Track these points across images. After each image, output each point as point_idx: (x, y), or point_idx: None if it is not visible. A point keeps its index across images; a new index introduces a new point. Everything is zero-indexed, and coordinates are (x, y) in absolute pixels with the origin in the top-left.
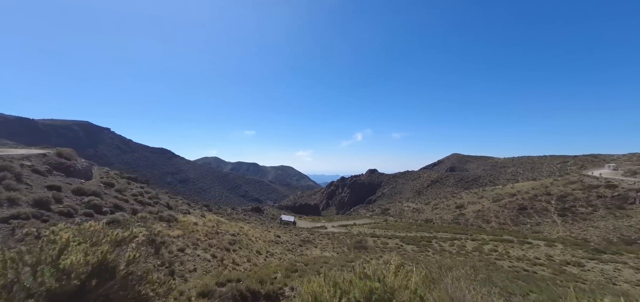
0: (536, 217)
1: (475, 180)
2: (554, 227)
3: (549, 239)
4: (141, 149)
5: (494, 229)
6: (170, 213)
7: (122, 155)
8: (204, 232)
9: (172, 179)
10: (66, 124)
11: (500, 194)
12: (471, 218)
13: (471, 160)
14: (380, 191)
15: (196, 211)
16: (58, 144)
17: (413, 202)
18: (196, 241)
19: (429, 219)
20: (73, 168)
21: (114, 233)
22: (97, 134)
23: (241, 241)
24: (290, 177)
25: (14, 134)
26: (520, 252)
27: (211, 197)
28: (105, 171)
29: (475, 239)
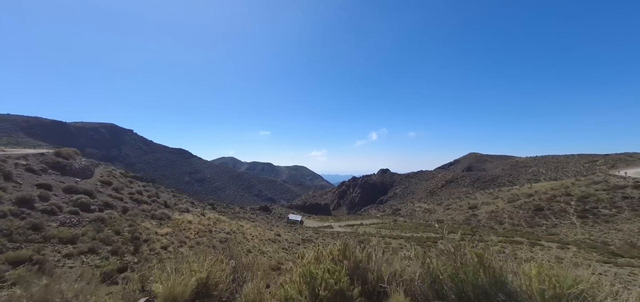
0: (553, 218)
1: (492, 180)
2: (572, 229)
3: (563, 241)
4: (161, 149)
5: (506, 231)
6: (165, 211)
7: (144, 155)
8: (195, 230)
9: (190, 178)
10: (94, 127)
11: (516, 195)
12: (484, 219)
13: (489, 159)
14: (392, 191)
15: (197, 210)
16: (86, 145)
17: (425, 202)
18: (184, 238)
19: (440, 220)
20: (69, 167)
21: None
22: (121, 135)
23: (235, 239)
24: (303, 177)
25: (49, 136)
26: (528, 254)
27: (226, 196)
28: (109, 170)
29: (483, 240)
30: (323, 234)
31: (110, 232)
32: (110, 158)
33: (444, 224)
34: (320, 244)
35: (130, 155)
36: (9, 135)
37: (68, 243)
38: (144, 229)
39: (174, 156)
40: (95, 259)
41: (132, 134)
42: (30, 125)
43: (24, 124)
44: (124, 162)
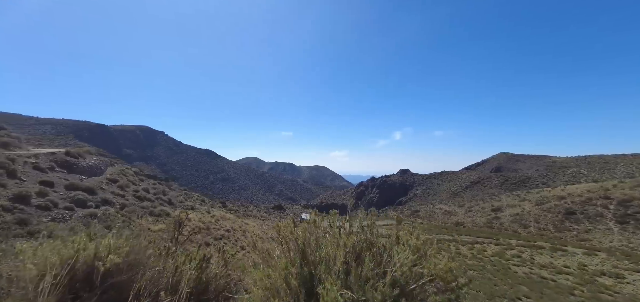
0: (586, 223)
1: (523, 181)
2: (607, 236)
3: (591, 248)
4: (189, 150)
5: (530, 235)
6: (164, 208)
7: (174, 156)
8: (192, 227)
9: (215, 177)
10: (131, 129)
11: (546, 197)
12: (507, 222)
13: (522, 159)
14: (413, 192)
15: (204, 208)
16: (124, 146)
17: (446, 204)
18: (175, 235)
19: (460, 222)
20: (76, 165)
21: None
22: (153, 137)
23: (233, 237)
24: (324, 178)
25: (94, 138)
26: (548, 260)
27: (248, 195)
28: (120, 169)
29: (500, 243)
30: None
31: (99, 228)
32: (144, 158)
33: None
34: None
35: (161, 155)
36: (61, 137)
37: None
38: (138, 224)
39: (201, 156)
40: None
41: (164, 135)
42: (79, 128)
43: (74, 127)
44: (156, 162)
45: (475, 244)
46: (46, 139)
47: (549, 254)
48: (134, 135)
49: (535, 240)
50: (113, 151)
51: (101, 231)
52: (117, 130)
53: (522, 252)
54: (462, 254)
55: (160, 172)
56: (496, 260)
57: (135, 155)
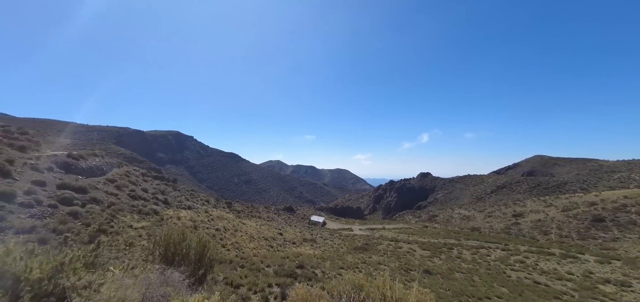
0: (615, 231)
1: (558, 186)
2: (637, 245)
3: (606, 255)
4: (216, 153)
5: (550, 242)
6: (155, 208)
7: (201, 159)
8: (179, 225)
9: (238, 180)
10: (163, 134)
11: (574, 203)
12: (526, 228)
13: (560, 163)
14: (433, 196)
15: (203, 207)
16: (158, 150)
17: (466, 209)
18: (155, 232)
19: (477, 228)
20: (75, 166)
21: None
22: (184, 141)
23: (219, 235)
24: (345, 181)
25: (132, 143)
26: (553, 266)
27: (269, 197)
28: (125, 170)
29: (508, 249)
30: (338, 235)
31: (75, 224)
32: (174, 161)
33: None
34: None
35: (190, 159)
36: (102, 142)
37: (26, 233)
38: (122, 222)
39: (226, 159)
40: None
41: (193, 140)
42: (120, 134)
43: (116, 133)
44: (185, 165)
45: (481, 249)
46: (90, 144)
47: (557, 260)
48: (166, 140)
49: (548, 246)
50: (147, 154)
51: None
52: (151, 135)
53: (527, 258)
54: (462, 258)
55: (189, 174)
56: (496, 264)
57: (166, 158)
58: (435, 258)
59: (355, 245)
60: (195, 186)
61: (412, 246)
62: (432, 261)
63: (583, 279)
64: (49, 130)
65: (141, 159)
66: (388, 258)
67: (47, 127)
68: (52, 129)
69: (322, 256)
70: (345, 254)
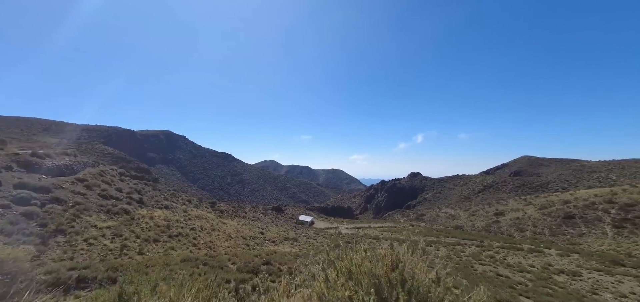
0: (582, 227)
1: (542, 186)
2: (599, 240)
3: (567, 249)
4: (208, 153)
5: (524, 238)
6: (126, 207)
7: (193, 159)
8: (150, 225)
9: (231, 180)
10: (155, 133)
11: (551, 201)
12: (505, 226)
13: (546, 163)
14: (422, 196)
15: (181, 206)
16: (149, 150)
17: (452, 208)
18: (123, 232)
19: (460, 226)
20: (39, 165)
21: None
22: (175, 141)
23: (194, 235)
24: (340, 181)
25: (122, 143)
26: (518, 260)
27: (263, 197)
28: (99, 169)
29: (482, 245)
30: (322, 235)
31: (28, 225)
32: (166, 161)
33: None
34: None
35: (182, 159)
36: (89, 142)
37: None
38: (85, 222)
39: (218, 159)
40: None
41: (185, 140)
42: (109, 134)
43: (105, 133)
44: (177, 165)
45: (457, 245)
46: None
47: (524, 255)
48: (157, 140)
49: (520, 243)
50: (137, 154)
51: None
52: (142, 135)
53: (497, 254)
54: (437, 254)
55: (180, 174)
56: (467, 259)
57: (157, 158)
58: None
59: (337, 243)
60: (187, 186)
61: (390, 243)
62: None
63: (541, 270)
64: (33, 129)
65: (129, 159)
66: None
67: (32, 126)
68: (37, 128)
69: (297, 254)
70: (323, 252)
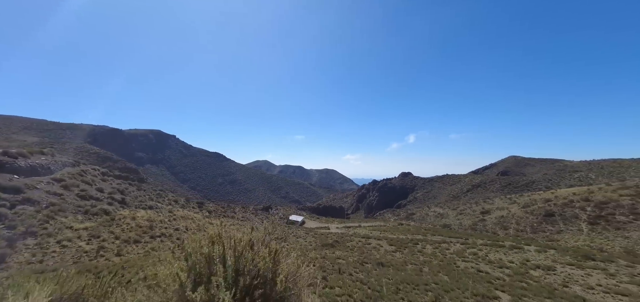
0: (561, 224)
1: (527, 185)
2: (575, 236)
3: (544, 246)
4: (199, 153)
5: (507, 236)
6: (107, 208)
7: (183, 158)
8: (132, 226)
9: (223, 180)
10: (143, 133)
11: (534, 200)
12: (490, 224)
13: (532, 163)
14: (413, 195)
15: (167, 207)
16: (137, 149)
17: (442, 207)
18: (101, 233)
19: (448, 225)
20: (10, 165)
21: None
22: (165, 140)
23: (177, 236)
24: (333, 181)
25: (108, 142)
26: (499, 257)
27: (255, 197)
28: (79, 169)
29: (466, 243)
30: (312, 234)
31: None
32: (155, 161)
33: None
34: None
35: (172, 158)
36: (73, 141)
37: None
38: (60, 223)
39: (210, 159)
40: None
41: (175, 139)
42: (95, 133)
43: (91, 132)
44: (167, 165)
45: (443, 243)
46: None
47: (505, 251)
48: (146, 139)
49: (503, 240)
50: (125, 153)
51: None
52: (130, 134)
53: (480, 251)
54: (423, 252)
55: (170, 174)
56: (451, 257)
57: (146, 158)
58: (398, 252)
59: (325, 242)
60: (177, 186)
61: (380, 242)
62: (393, 255)
63: (520, 266)
64: (13, 127)
65: (116, 159)
66: (350, 253)
67: (12, 124)
68: (17, 126)
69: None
70: (310, 251)
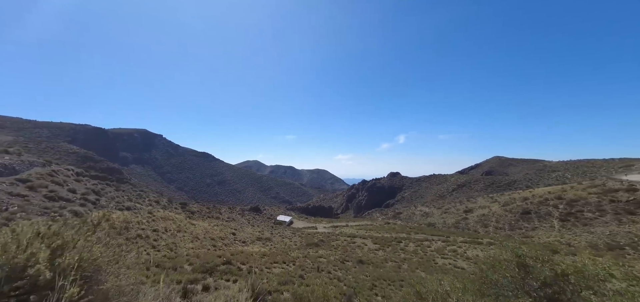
0: (536, 221)
1: (509, 185)
2: (548, 232)
3: (519, 242)
4: (187, 153)
5: (487, 234)
6: (78, 209)
7: (170, 158)
8: (105, 227)
9: (211, 180)
10: (128, 132)
11: (513, 199)
12: (472, 222)
13: (515, 163)
14: (400, 194)
15: (147, 208)
16: (121, 149)
17: (428, 206)
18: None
19: (432, 223)
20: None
21: None
22: (151, 140)
23: (154, 237)
24: (324, 181)
25: (89, 141)
26: (476, 253)
27: (244, 197)
28: (50, 169)
29: (447, 240)
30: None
31: None
32: (141, 161)
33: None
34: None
35: (158, 158)
36: (51, 140)
37: None
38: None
39: (198, 159)
40: None
41: (162, 138)
42: (76, 131)
43: (71, 130)
44: (153, 165)
45: (425, 241)
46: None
47: (482, 248)
48: (131, 139)
49: (482, 238)
50: (108, 153)
51: None
52: (114, 133)
53: (459, 248)
54: (405, 250)
55: (156, 175)
56: (431, 254)
57: (131, 158)
58: (381, 250)
59: (310, 241)
60: (163, 186)
61: (365, 241)
62: (376, 253)
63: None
64: None
65: (98, 159)
66: (333, 252)
67: None
68: None
69: (266, 253)
70: (293, 250)
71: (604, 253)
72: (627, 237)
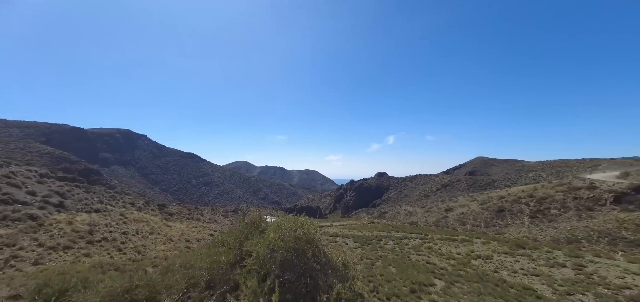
0: (509, 219)
1: (489, 184)
2: (519, 228)
3: (490, 238)
4: (172, 154)
5: (465, 231)
6: (35, 212)
7: (155, 159)
8: (65, 230)
9: (197, 182)
10: (110, 132)
11: (490, 197)
12: (452, 221)
13: (496, 163)
14: (387, 194)
15: (120, 209)
16: (102, 150)
17: (412, 205)
18: (16, 241)
19: (415, 222)
20: None
21: None
22: (135, 140)
23: (122, 240)
24: (314, 181)
25: (67, 142)
26: (450, 249)
27: (232, 199)
28: (7, 170)
29: (425, 238)
30: None
31: None
32: (123, 162)
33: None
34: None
35: (142, 159)
36: (22, 140)
37: None
38: None
39: (184, 160)
40: None
41: (146, 139)
42: (51, 131)
43: (46, 130)
44: (136, 166)
45: (404, 239)
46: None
47: (456, 245)
48: (113, 139)
49: (457, 235)
50: (88, 154)
51: None
52: (94, 133)
53: (435, 245)
54: (384, 248)
55: (140, 176)
56: (408, 251)
57: (112, 159)
58: (360, 249)
59: None
60: (147, 188)
61: (346, 240)
62: (354, 251)
63: (464, 257)
64: None
65: (75, 160)
66: None
67: None
68: None
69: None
70: None
71: (563, 246)
72: (585, 232)
